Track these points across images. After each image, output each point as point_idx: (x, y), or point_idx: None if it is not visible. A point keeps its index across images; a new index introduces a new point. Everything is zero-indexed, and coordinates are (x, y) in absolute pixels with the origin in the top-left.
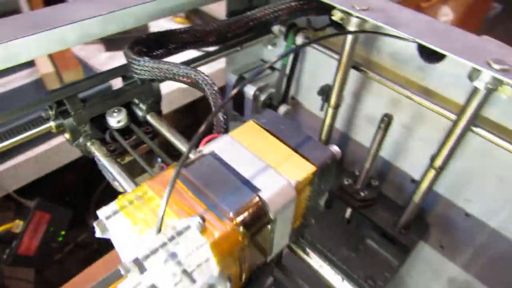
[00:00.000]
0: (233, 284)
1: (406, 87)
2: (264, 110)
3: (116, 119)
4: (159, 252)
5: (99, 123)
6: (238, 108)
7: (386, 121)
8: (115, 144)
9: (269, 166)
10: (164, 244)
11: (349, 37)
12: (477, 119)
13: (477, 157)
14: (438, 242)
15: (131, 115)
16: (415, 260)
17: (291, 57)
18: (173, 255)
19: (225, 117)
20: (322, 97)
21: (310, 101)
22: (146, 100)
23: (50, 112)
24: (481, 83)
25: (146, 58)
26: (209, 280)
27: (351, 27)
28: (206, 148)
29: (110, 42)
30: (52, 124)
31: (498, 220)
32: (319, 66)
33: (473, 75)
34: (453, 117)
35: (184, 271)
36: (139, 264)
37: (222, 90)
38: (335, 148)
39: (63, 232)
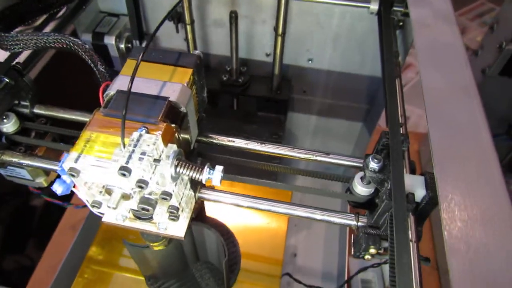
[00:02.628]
0: None
1: None
2: (133, 48)
3: (9, 124)
4: (133, 156)
5: None
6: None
7: (234, 16)
8: (20, 146)
9: (163, 81)
10: (133, 151)
11: None
12: None
13: (302, 16)
14: (301, 89)
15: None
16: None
17: None
18: (143, 153)
19: (105, 67)
20: (174, 21)
21: (163, 30)
22: (27, 95)
23: None
24: None
25: (16, 33)
26: (173, 154)
27: None
28: (110, 91)
29: None
30: None
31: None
32: None
33: None
34: None
35: (155, 160)
36: (126, 168)
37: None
38: (197, 52)
39: None
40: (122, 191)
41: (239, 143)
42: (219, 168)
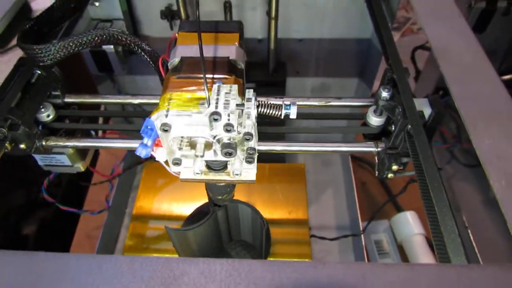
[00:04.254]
0: None
1: None
2: (180, 21)
3: (47, 113)
4: (219, 103)
5: None
6: (103, 68)
7: (228, 6)
8: (59, 132)
9: (217, 45)
10: (217, 100)
11: None
12: None
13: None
14: (294, 70)
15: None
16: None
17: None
18: (227, 100)
19: (149, 45)
20: (167, 18)
21: (156, 30)
22: (57, 85)
23: (5, 130)
24: None
25: (52, 43)
26: (254, 96)
27: None
28: (173, 59)
29: None
30: (6, 143)
31: (316, 33)
32: None
33: None
34: None
35: (237, 104)
36: (216, 113)
37: None
38: (237, 20)
39: None
40: (206, 140)
41: None
42: (294, 102)
